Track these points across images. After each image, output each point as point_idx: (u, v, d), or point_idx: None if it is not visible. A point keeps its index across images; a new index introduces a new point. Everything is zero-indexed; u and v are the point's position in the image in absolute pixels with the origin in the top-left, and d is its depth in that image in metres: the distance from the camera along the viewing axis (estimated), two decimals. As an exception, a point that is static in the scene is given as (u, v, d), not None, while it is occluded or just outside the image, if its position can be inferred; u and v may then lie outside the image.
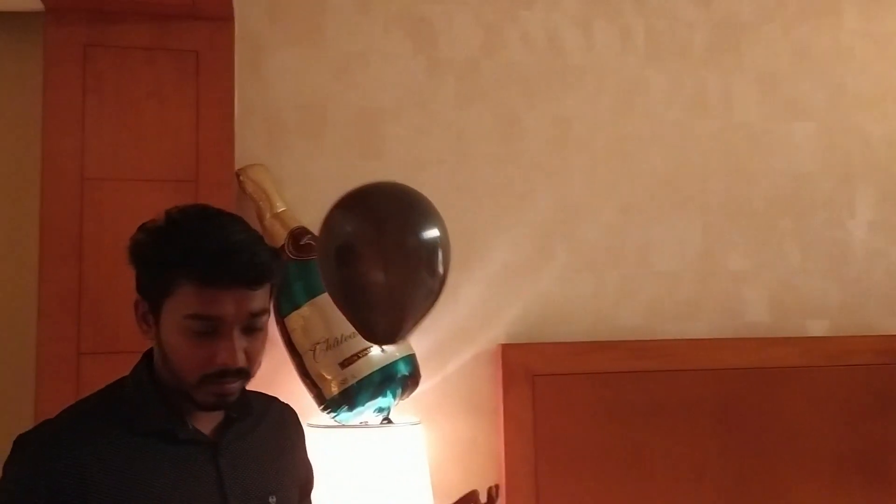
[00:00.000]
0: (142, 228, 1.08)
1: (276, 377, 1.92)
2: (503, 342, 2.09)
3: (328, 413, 1.82)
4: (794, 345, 2.23)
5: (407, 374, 1.86)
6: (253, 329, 1.07)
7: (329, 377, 1.80)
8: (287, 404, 1.35)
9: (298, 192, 1.99)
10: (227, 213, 1.10)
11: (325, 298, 1.82)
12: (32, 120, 1.89)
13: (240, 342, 1.05)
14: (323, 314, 1.80)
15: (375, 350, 1.81)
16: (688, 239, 2.25)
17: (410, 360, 1.88)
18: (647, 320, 2.19)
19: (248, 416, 1.18)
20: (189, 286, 1.02)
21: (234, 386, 1.07)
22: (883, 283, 2.35)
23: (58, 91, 1.79)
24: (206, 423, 1.12)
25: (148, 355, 1.12)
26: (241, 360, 1.05)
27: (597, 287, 2.18)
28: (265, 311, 1.07)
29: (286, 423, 1.31)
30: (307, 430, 1.92)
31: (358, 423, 1.83)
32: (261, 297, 1.06)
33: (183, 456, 1.07)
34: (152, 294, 1.06)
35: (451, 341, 2.07)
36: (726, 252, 2.27)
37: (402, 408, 1.91)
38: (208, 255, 1.02)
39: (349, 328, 1.80)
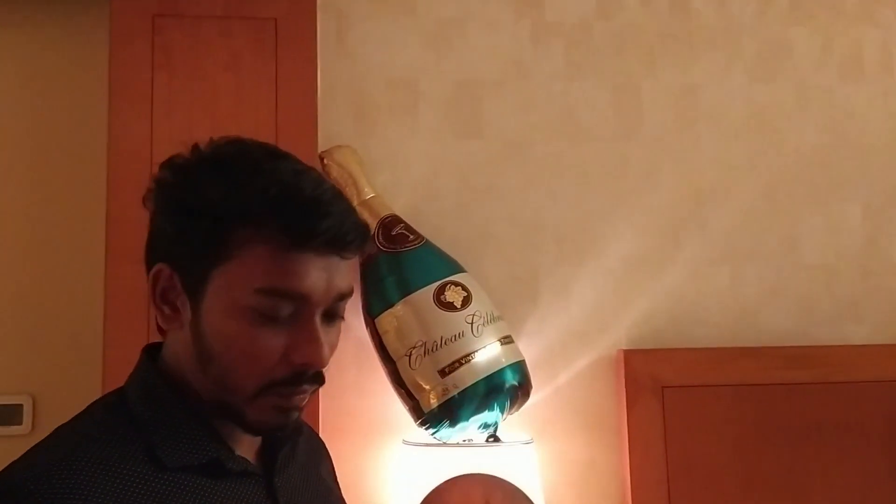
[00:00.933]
0: (171, 166, 0.77)
1: (368, 386, 1.69)
2: (624, 347, 1.80)
3: (426, 429, 1.57)
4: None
5: (516, 383, 1.59)
6: (335, 317, 0.78)
7: (427, 387, 1.55)
8: (308, 425, 0.99)
9: (389, 176, 1.76)
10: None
11: (421, 296, 1.59)
12: (97, 101, 1.73)
13: (324, 334, 0.75)
14: (419, 314, 1.56)
15: (480, 356, 1.55)
16: (845, 226, 1.90)
17: (520, 367, 1.61)
18: (798, 323, 1.86)
19: (297, 437, 0.87)
20: (263, 248, 0.71)
21: (306, 397, 0.77)
22: None
23: (125, 67, 1.61)
24: (247, 449, 0.81)
25: (151, 354, 0.80)
26: (327, 357, 0.75)
27: (735, 283, 1.86)
28: (351, 293, 0.78)
29: (320, 449, 1.00)
30: (403, 448, 1.69)
31: (461, 441, 1.58)
32: (349, 273, 0.78)
33: (231, 496, 0.76)
34: (194, 260, 0.74)
35: (563, 347, 1.80)
36: (892, 241, 1.91)
37: (508, 423, 1.64)
38: (299, 203, 0.72)
39: (450, 329, 1.57)
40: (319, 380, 0.77)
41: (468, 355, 1.55)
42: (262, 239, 0.71)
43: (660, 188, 1.86)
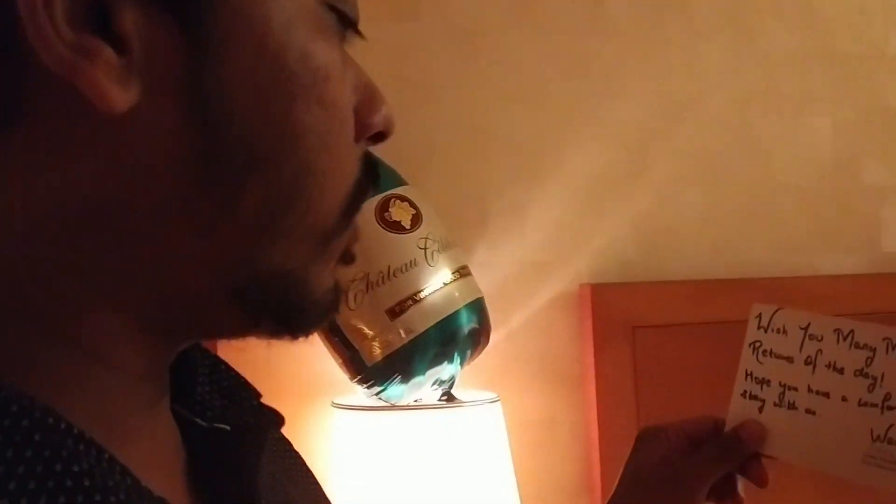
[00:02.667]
0: None
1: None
2: (587, 281, 1.50)
3: (368, 387, 1.21)
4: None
5: (477, 325, 1.26)
6: None
7: (371, 333, 1.18)
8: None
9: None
10: None
11: (362, 211, 1.21)
12: None
13: None
14: (362, 232, 1.18)
15: (435, 292, 1.20)
16: (817, 142, 1.69)
17: (479, 305, 1.28)
18: (775, 251, 1.64)
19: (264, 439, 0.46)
20: None
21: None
22: None
23: None
24: (160, 473, 0.38)
25: None
26: None
27: (707, 206, 1.61)
28: None
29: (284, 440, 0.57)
30: (331, 412, 1.32)
31: (412, 403, 1.23)
32: None
33: None
34: None
35: (517, 281, 1.48)
36: (863, 161, 1.72)
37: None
38: None
39: (399, 256, 1.20)
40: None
41: (421, 291, 1.20)
42: None
43: (626, 94, 1.57)
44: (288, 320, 0.39)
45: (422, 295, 1.20)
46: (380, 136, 0.41)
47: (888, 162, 1.74)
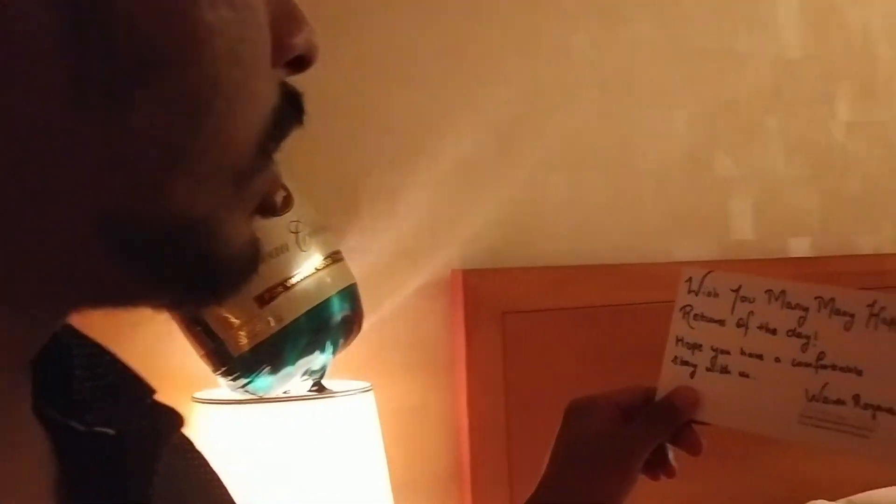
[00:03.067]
0: None
1: (146, 327, 1.19)
2: (458, 267, 1.49)
3: (233, 379, 1.13)
4: (782, 267, 1.85)
5: (350, 313, 1.21)
6: None
7: (238, 321, 1.11)
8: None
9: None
10: None
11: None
12: None
13: None
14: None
15: (307, 278, 1.15)
16: (673, 133, 1.76)
17: (350, 292, 1.23)
18: (635, 238, 1.69)
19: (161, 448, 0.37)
20: None
21: None
22: (860, 195, 2.03)
23: None
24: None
25: None
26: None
27: (574, 193, 1.63)
28: None
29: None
30: (193, 407, 1.23)
31: (281, 395, 1.17)
32: None
33: None
34: None
35: (389, 268, 1.44)
36: (712, 152, 1.81)
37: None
38: None
39: (270, 240, 1.13)
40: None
41: (292, 277, 1.14)
42: None
43: (499, 78, 1.56)
44: (196, 282, 0.31)
45: (292, 281, 1.14)
46: (301, 63, 0.34)
47: (736, 155, 1.83)
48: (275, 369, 1.13)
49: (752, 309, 0.68)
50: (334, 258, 1.21)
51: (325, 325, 1.17)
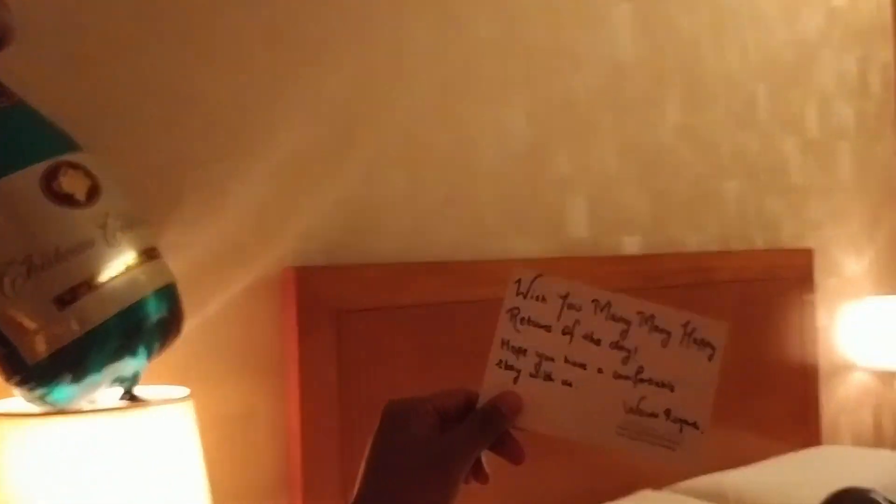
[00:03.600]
0: None
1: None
2: (291, 264, 1.42)
3: (30, 390, 1.01)
4: (615, 264, 1.91)
5: (167, 314, 1.12)
6: None
7: (34, 325, 0.98)
8: None
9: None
10: None
11: (17, 182, 1.00)
12: None
13: None
14: (15, 210, 0.98)
15: (116, 277, 1.04)
16: (511, 130, 1.76)
17: (168, 292, 1.13)
18: (472, 235, 1.68)
19: None
20: None
21: None
22: (687, 196, 2.12)
23: None
24: None
25: None
26: None
27: (411, 188, 1.60)
28: None
29: None
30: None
31: (86, 406, 1.05)
32: None
33: None
34: None
35: (213, 265, 1.35)
36: (549, 150, 1.83)
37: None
38: None
39: (70, 235, 1.02)
40: None
41: (98, 276, 1.03)
42: None
43: (332, 67, 1.50)
44: None
45: (99, 280, 1.03)
46: None
47: (572, 154, 1.87)
48: (77, 377, 1.01)
49: (579, 318, 0.67)
50: (150, 255, 1.11)
51: (139, 327, 1.07)
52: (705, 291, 2.04)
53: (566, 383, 0.67)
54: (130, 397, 1.11)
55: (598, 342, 0.67)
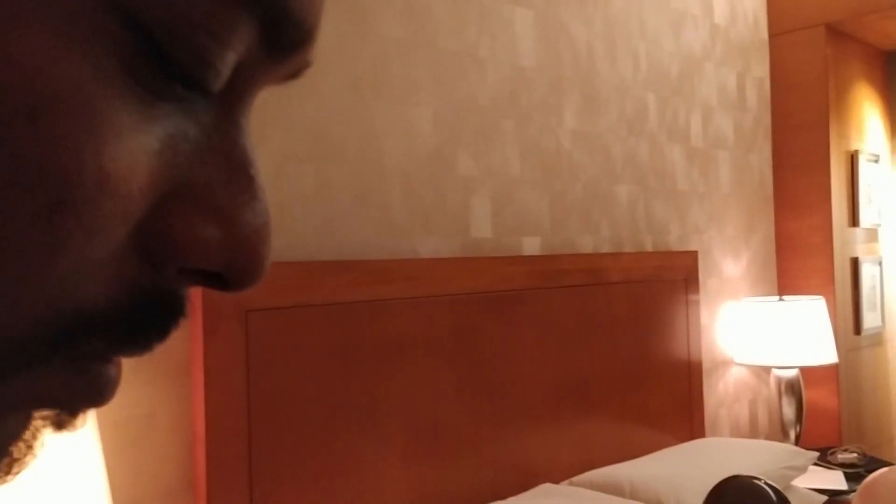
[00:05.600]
0: None
1: None
2: (196, 262, 1.38)
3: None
4: (517, 264, 1.95)
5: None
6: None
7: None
8: None
9: None
10: None
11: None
12: None
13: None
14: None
15: None
16: (419, 131, 1.78)
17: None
18: (381, 234, 1.68)
19: None
20: None
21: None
22: (582, 199, 2.20)
23: None
24: None
25: None
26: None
27: (320, 185, 1.58)
28: None
29: None
30: None
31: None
32: None
33: None
34: None
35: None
36: (455, 152, 1.86)
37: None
38: None
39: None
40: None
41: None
42: None
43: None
44: None
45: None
46: (214, 280, 0.24)
47: (477, 155, 1.90)
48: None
49: None
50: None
51: None
52: (599, 291, 2.12)
53: None
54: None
55: None
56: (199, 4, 0.21)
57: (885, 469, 1.95)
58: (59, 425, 0.24)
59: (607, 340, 2.14)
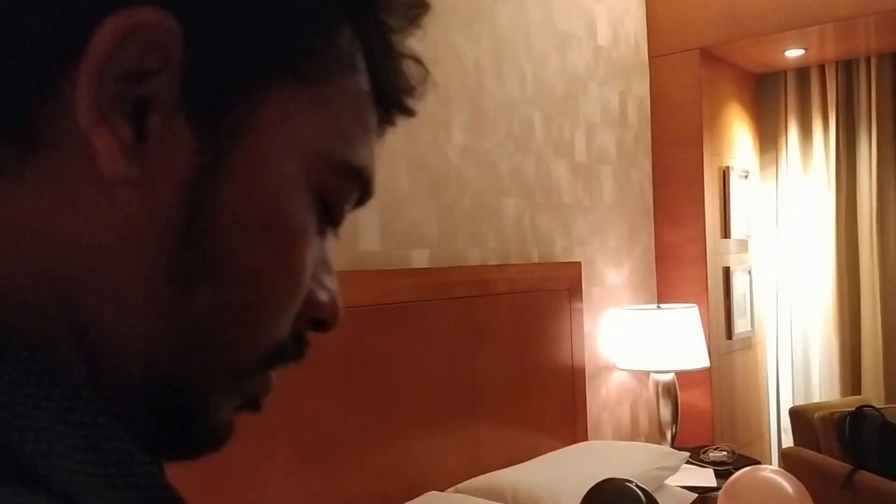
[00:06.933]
0: None
1: None
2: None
3: None
4: (405, 277, 2.00)
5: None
6: None
7: None
8: None
9: None
10: None
11: None
12: None
13: None
14: None
15: None
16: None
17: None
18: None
19: None
20: (354, 82, 0.41)
21: None
22: (470, 213, 2.27)
23: None
24: None
25: None
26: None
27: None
28: None
29: None
30: None
31: None
32: None
33: None
34: (254, 41, 0.36)
35: None
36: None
37: None
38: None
39: None
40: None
41: None
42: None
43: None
44: (168, 435, 0.38)
45: None
46: (320, 325, 0.42)
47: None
48: None
49: None
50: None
51: None
52: (485, 302, 2.20)
53: None
54: None
55: None
56: (347, 192, 0.41)
57: (747, 468, 2.10)
58: (253, 409, 0.40)
59: (494, 349, 2.22)
